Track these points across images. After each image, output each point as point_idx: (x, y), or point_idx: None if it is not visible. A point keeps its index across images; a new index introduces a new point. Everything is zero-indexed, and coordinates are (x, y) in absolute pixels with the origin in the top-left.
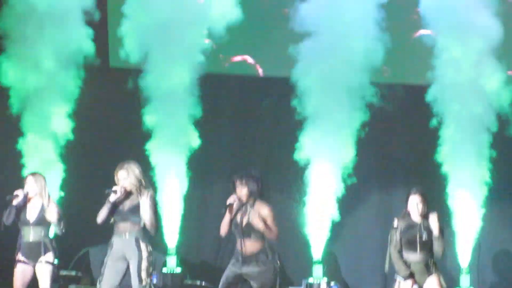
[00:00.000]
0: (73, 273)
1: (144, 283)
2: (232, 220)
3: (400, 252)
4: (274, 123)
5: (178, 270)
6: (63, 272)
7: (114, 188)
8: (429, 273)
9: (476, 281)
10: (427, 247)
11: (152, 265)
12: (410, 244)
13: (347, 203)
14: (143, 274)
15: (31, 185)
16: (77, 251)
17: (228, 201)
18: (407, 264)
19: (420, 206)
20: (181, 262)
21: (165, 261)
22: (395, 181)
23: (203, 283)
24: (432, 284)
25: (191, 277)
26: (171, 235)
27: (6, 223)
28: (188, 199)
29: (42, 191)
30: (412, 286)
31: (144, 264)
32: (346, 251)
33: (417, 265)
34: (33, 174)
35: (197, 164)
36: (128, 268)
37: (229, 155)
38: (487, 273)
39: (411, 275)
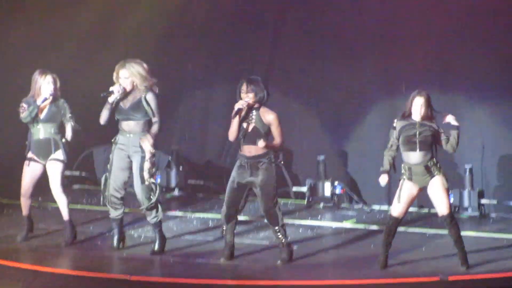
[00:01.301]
0: (77, 173)
1: (146, 183)
2: (240, 125)
3: (394, 151)
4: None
5: (182, 170)
6: (67, 173)
7: (111, 88)
8: (431, 174)
9: (480, 182)
10: (426, 146)
11: (156, 166)
12: (409, 144)
13: (354, 103)
14: (145, 174)
15: (51, 83)
16: (81, 151)
17: (237, 106)
18: (404, 168)
19: (424, 108)
20: (185, 162)
21: (169, 161)
22: (401, 77)
23: (206, 183)
24: (435, 186)
25: (195, 177)
26: (175, 136)
27: (27, 120)
28: (191, 100)
29: (56, 91)
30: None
31: (146, 164)
32: (352, 151)
33: (418, 167)
34: (47, 73)
35: (201, 66)
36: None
37: (234, 57)
38: (491, 174)
39: (386, 172)
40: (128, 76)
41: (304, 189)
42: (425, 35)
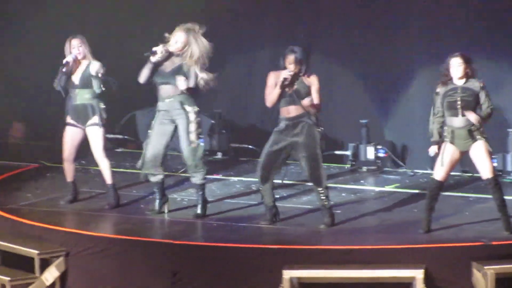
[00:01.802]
0: (119, 136)
1: (193, 145)
2: (282, 93)
3: (440, 117)
4: None
5: (224, 133)
6: (110, 136)
7: (154, 48)
8: (473, 139)
9: None
10: (469, 110)
11: (201, 126)
12: (452, 109)
13: (398, 67)
14: (192, 136)
15: (78, 47)
16: (124, 115)
17: (284, 76)
18: (447, 131)
19: (462, 67)
20: (228, 125)
21: (212, 124)
22: (445, 41)
23: (250, 146)
24: (478, 150)
25: (237, 141)
26: (218, 99)
27: (58, 88)
28: (235, 64)
29: (87, 53)
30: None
31: (192, 126)
32: (396, 115)
33: (461, 130)
34: (76, 36)
35: (244, 31)
36: (175, 130)
37: (276, 22)
38: None
39: (437, 143)
40: (184, 42)
41: (347, 152)
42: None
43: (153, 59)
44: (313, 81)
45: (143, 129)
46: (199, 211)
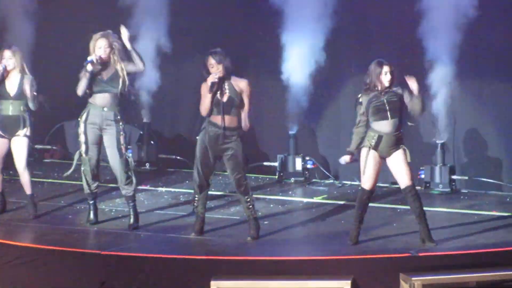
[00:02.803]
0: (48, 146)
1: (124, 156)
2: (213, 99)
3: (362, 127)
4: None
5: (153, 143)
6: (39, 146)
7: (90, 58)
8: (397, 146)
9: (452, 157)
10: (397, 113)
11: (127, 138)
12: (380, 113)
13: (326, 77)
14: (123, 148)
15: (9, 59)
16: (52, 125)
17: (211, 80)
18: (371, 136)
19: (389, 76)
20: (156, 136)
21: (140, 135)
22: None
23: (178, 157)
24: (399, 157)
25: (165, 151)
26: (146, 110)
27: None
28: (163, 74)
29: (20, 65)
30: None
31: (122, 138)
32: (324, 125)
33: (390, 136)
34: (10, 47)
35: (172, 41)
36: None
37: (204, 31)
38: (462, 150)
39: (351, 153)
40: (107, 47)
41: (275, 163)
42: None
43: (90, 68)
44: (244, 87)
45: (72, 139)
46: (132, 221)
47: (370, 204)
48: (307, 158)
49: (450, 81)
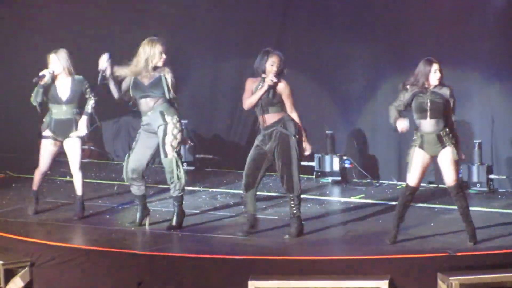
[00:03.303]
0: (85, 147)
1: (169, 156)
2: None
3: (399, 109)
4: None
5: (190, 143)
6: None
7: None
8: (443, 144)
9: (490, 156)
10: (438, 114)
11: (179, 139)
12: (421, 112)
13: (363, 78)
14: (167, 148)
15: (55, 63)
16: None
17: (268, 83)
18: (417, 135)
19: (438, 74)
20: (193, 135)
21: None
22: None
23: (215, 157)
24: (445, 156)
25: (203, 151)
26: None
27: (35, 103)
28: (200, 75)
29: (67, 67)
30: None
31: (168, 138)
32: (361, 126)
33: (430, 135)
34: (55, 51)
35: (210, 39)
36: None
37: (241, 32)
38: (501, 149)
39: (399, 119)
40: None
41: (313, 163)
42: (435, 11)
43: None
44: (282, 89)
45: (109, 139)
46: (174, 222)
47: None
48: (345, 157)
49: (488, 80)
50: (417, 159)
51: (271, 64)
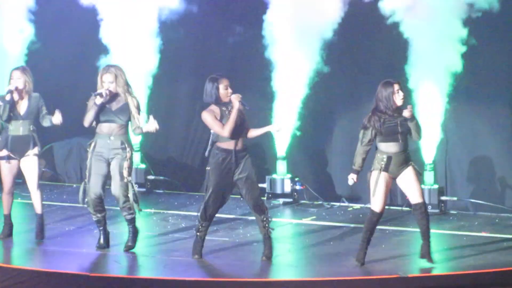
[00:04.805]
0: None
1: (125, 180)
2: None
3: (368, 146)
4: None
5: (142, 166)
6: None
7: (99, 91)
8: (407, 164)
9: (443, 178)
10: (405, 136)
11: (132, 165)
12: (392, 135)
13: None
14: (124, 172)
15: (17, 79)
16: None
17: (238, 96)
18: (381, 158)
19: (401, 93)
20: (146, 158)
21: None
22: (362, 71)
23: (167, 179)
24: (411, 174)
25: (155, 173)
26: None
27: (2, 120)
28: (154, 96)
29: (29, 84)
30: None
31: (126, 163)
32: (313, 148)
33: (399, 155)
34: (18, 68)
35: (164, 63)
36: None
37: (195, 55)
38: (452, 171)
39: (357, 173)
40: (112, 81)
41: (264, 185)
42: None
43: (98, 101)
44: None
45: (61, 161)
46: (130, 243)
47: (358, 226)
48: (296, 179)
49: (441, 103)
50: (382, 183)
51: (225, 88)
